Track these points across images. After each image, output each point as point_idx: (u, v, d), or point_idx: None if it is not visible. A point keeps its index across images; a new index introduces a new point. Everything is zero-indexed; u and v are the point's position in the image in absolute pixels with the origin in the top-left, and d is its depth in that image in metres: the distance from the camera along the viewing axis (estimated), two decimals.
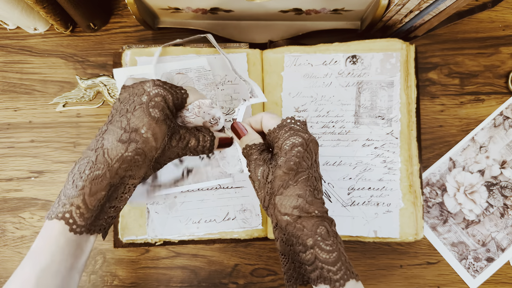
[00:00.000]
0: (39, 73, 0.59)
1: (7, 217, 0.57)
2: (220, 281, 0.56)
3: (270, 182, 0.37)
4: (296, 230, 0.36)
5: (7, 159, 0.58)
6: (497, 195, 0.56)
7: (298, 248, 0.36)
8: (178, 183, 0.48)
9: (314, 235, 0.36)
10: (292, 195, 0.37)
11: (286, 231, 0.37)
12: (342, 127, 0.52)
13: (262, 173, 0.38)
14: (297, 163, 0.37)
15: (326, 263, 0.35)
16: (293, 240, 0.37)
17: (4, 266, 0.56)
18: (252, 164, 0.39)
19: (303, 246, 0.36)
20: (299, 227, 0.36)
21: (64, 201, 0.35)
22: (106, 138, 0.36)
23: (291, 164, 0.37)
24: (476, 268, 0.55)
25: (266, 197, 0.38)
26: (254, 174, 0.39)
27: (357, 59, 0.52)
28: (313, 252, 0.36)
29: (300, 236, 0.36)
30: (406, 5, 0.48)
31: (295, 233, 0.36)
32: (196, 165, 0.47)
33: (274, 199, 0.37)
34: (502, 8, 0.59)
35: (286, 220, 0.37)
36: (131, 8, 0.49)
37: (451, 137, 0.57)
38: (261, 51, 0.54)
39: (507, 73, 0.58)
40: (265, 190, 0.38)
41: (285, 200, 0.37)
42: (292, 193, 0.37)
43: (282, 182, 0.37)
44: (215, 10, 0.53)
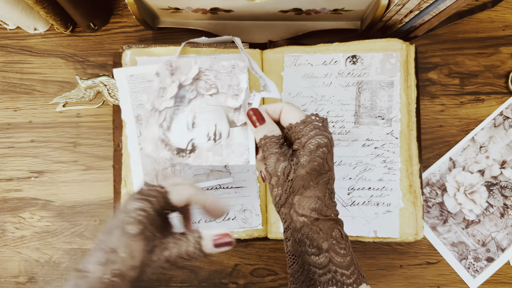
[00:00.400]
0: (39, 73, 0.59)
1: (7, 217, 0.57)
2: (220, 281, 0.56)
3: (291, 180, 0.36)
4: (312, 232, 0.36)
5: (7, 159, 0.58)
6: (497, 195, 0.56)
7: (311, 251, 0.36)
8: (180, 154, 0.44)
9: (330, 238, 0.35)
10: (312, 196, 0.36)
11: (301, 232, 0.36)
12: (342, 127, 0.52)
13: (283, 169, 0.36)
14: (320, 164, 0.36)
15: (340, 267, 0.35)
16: (306, 242, 0.36)
17: (4, 266, 0.56)
18: (272, 158, 0.37)
19: (317, 249, 0.36)
20: (315, 229, 0.36)
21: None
22: (88, 261, 0.34)
23: (315, 165, 0.36)
24: (476, 268, 0.55)
25: (283, 195, 0.37)
26: (273, 169, 0.37)
27: (357, 59, 0.52)
28: (327, 256, 0.35)
29: (316, 238, 0.36)
30: (406, 5, 0.48)
31: (311, 235, 0.36)
32: (200, 144, 0.44)
33: (292, 199, 0.36)
34: (502, 8, 0.59)
35: (302, 221, 0.36)
36: (131, 8, 0.49)
37: (451, 137, 0.57)
38: (261, 51, 0.54)
39: (507, 73, 0.58)
40: (284, 188, 0.36)
41: (304, 201, 0.36)
42: (312, 194, 0.36)
43: (304, 182, 0.36)
44: (215, 10, 0.53)
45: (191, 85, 0.44)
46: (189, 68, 0.44)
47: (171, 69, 0.44)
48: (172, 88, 0.44)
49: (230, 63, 0.43)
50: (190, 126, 0.44)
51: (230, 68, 0.43)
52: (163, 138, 0.44)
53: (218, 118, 0.43)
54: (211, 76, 0.43)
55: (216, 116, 0.43)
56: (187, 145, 0.44)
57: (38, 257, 0.56)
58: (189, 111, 0.44)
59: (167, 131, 0.44)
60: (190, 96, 0.44)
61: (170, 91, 0.44)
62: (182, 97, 0.44)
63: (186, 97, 0.44)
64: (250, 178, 0.52)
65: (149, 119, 0.44)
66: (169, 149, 0.44)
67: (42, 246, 0.57)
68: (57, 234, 0.57)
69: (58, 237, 0.57)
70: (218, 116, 0.43)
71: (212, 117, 0.43)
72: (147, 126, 0.44)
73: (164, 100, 0.44)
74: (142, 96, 0.50)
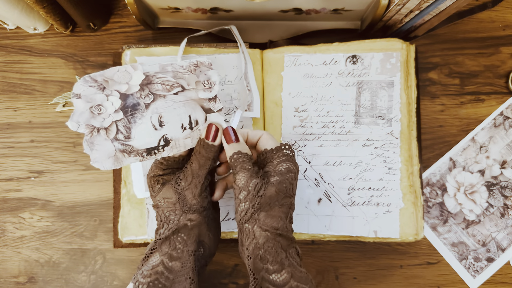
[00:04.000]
0: (39, 73, 0.59)
1: (7, 217, 0.57)
2: (220, 281, 0.56)
3: (260, 196, 0.38)
4: (275, 246, 0.37)
5: (7, 159, 0.58)
6: (497, 195, 0.56)
7: (273, 268, 0.37)
8: (151, 152, 0.44)
9: (289, 255, 0.37)
10: (276, 216, 0.38)
11: (263, 248, 0.37)
12: (342, 127, 0.52)
13: (254, 185, 0.38)
14: (287, 188, 0.38)
15: (300, 281, 0.36)
16: (268, 258, 0.37)
17: (4, 266, 0.56)
18: (245, 173, 0.38)
19: (279, 264, 0.37)
20: (277, 244, 0.37)
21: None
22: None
23: (284, 187, 0.38)
24: (476, 268, 0.55)
25: (249, 210, 0.38)
26: (244, 184, 0.38)
27: (357, 59, 0.52)
28: (289, 271, 0.36)
29: (278, 253, 0.37)
30: (406, 5, 0.48)
31: (274, 249, 0.37)
32: (175, 136, 0.44)
33: (258, 215, 0.38)
34: (502, 8, 0.59)
35: (266, 236, 0.38)
36: (131, 8, 0.49)
37: (451, 137, 0.57)
38: (261, 51, 0.54)
39: (507, 73, 0.58)
40: (252, 203, 0.38)
41: (269, 219, 0.38)
42: (276, 214, 0.38)
43: (271, 201, 0.38)
44: (215, 10, 0.53)
45: (141, 91, 0.43)
46: (127, 77, 0.43)
47: (97, 84, 0.42)
48: (112, 101, 0.43)
49: (191, 61, 0.44)
50: (158, 126, 0.44)
51: (193, 67, 0.44)
52: (123, 148, 0.43)
53: (191, 109, 0.44)
54: (168, 77, 0.43)
55: (188, 109, 0.44)
56: (159, 142, 0.44)
57: (38, 257, 0.56)
58: (151, 114, 0.44)
59: (127, 140, 0.43)
60: (146, 101, 0.43)
61: (111, 105, 0.43)
62: (133, 105, 0.43)
63: (139, 103, 0.43)
64: None
65: (93, 141, 0.43)
66: (135, 154, 0.44)
67: (42, 246, 0.57)
68: (57, 234, 0.57)
69: (58, 237, 0.57)
70: (191, 108, 0.44)
71: (184, 111, 0.44)
72: (92, 147, 0.42)
73: (106, 116, 0.43)
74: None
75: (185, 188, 0.40)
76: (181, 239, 0.38)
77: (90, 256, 0.56)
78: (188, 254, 0.38)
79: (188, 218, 0.39)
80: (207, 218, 0.41)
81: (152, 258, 0.38)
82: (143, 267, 0.38)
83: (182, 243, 0.38)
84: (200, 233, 0.40)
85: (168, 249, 0.38)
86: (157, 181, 0.41)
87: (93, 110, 0.42)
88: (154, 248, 0.39)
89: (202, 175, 0.40)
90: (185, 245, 0.38)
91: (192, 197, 0.40)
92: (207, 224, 0.41)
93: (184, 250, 0.38)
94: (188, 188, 0.40)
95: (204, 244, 0.40)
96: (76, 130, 0.42)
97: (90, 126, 0.42)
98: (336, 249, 0.56)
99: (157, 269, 0.37)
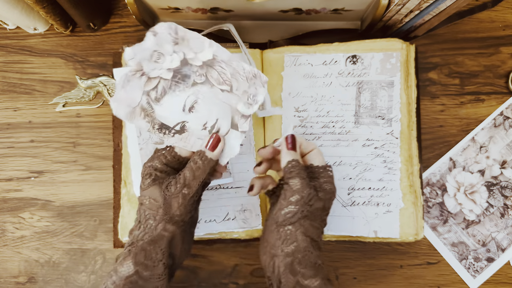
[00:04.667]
0: (39, 73, 0.59)
1: (7, 217, 0.57)
2: (220, 281, 0.56)
3: (310, 205, 0.39)
4: (314, 249, 0.40)
5: (7, 159, 0.58)
6: (497, 195, 0.56)
7: (309, 273, 0.38)
8: (162, 130, 0.42)
9: (322, 261, 0.40)
10: (316, 227, 0.41)
11: (303, 252, 0.39)
12: (342, 127, 0.52)
13: (308, 194, 0.39)
14: (327, 206, 0.41)
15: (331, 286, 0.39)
16: (306, 262, 0.39)
17: (4, 266, 0.56)
18: (302, 180, 0.39)
19: (315, 271, 0.39)
20: (315, 252, 0.40)
21: None
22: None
23: (326, 203, 0.41)
24: (476, 268, 0.55)
25: (298, 214, 0.39)
26: (300, 189, 0.39)
27: (357, 59, 0.52)
28: (323, 278, 0.39)
29: (317, 256, 0.39)
30: (406, 5, 0.48)
31: (311, 255, 0.39)
32: (193, 130, 0.42)
33: (305, 221, 0.40)
34: (502, 8, 0.59)
35: (308, 241, 0.39)
36: (131, 8, 0.49)
37: (451, 137, 0.57)
38: (261, 51, 0.54)
39: (507, 73, 0.58)
40: (302, 208, 0.39)
41: (312, 228, 0.40)
42: (317, 226, 0.41)
43: (317, 212, 0.40)
44: (215, 10, 0.53)
45: (200, 69, 0.41)
46: (200, 48, 0.40)
47: (175, 37, 0.40)
48: (173, 59, 0.41)
49: (252, 70, 0.41)
50: (187, 109, 0.41)
51: (251, 76, 0.41)
52: (146, 107, 0.41)
53: (222, 114, 0.41)
54: (227, 72, 0.41)
55: (221, 112, 0.41)
56: (176, 126, 0.42)
57: (38, 257, 0.56)
58: (191, 94, 0.41)
59: (155, 102, 0.41)
60: (198, 79, 0.41)
61: (170, 61, 0.41)
62: (185, 76, 0.41)
63: (190, 77, 0.41)
64: (250, 178, 0.52)
65: (130, 79, 0.40)
66: (149, 120, 0.41)
67: (42, 246, 0.57)
68: (57, 234, 0.57)
69: (58, 237, 0.57)
70: (223, 112, 0.41)
71: (216, 111, 0.41)
72: (125, 85, 0.40)
73: (159, 68, 0.40)
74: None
75: (173, 196, 0.39)
76: (158, 251, 0.38)
77: (90, 256, 0.56)
78: (163, 266, 0.38)
79: (165, 228, 0.39)
80: (183, 231, 0.41)
81: (125, 268, 0.38)
82: (113, 277, 0.37)
83: (160, 254, 0.38)
84: (174, 245, 0.40)
85: (144, 259, 0.38)
86: (150, 174, 0.40)
87: (154, 55, 0.40)
88: (127, 253, 0.38)
89: (194, 187, 0.39)
90: (161, 257, 0.38)
91: (177, 207, 0.39)
92: (182, 237, 0.40)
93: (159, 262, 0.38)
94: (175, 197, 0.39)
95: (174, 256, 0.40)
96: (129, 59, 0.39)
97: (139, 65, 0.40)
98: (336, 249, 0.56)
99: (131, 279, 0.37)
